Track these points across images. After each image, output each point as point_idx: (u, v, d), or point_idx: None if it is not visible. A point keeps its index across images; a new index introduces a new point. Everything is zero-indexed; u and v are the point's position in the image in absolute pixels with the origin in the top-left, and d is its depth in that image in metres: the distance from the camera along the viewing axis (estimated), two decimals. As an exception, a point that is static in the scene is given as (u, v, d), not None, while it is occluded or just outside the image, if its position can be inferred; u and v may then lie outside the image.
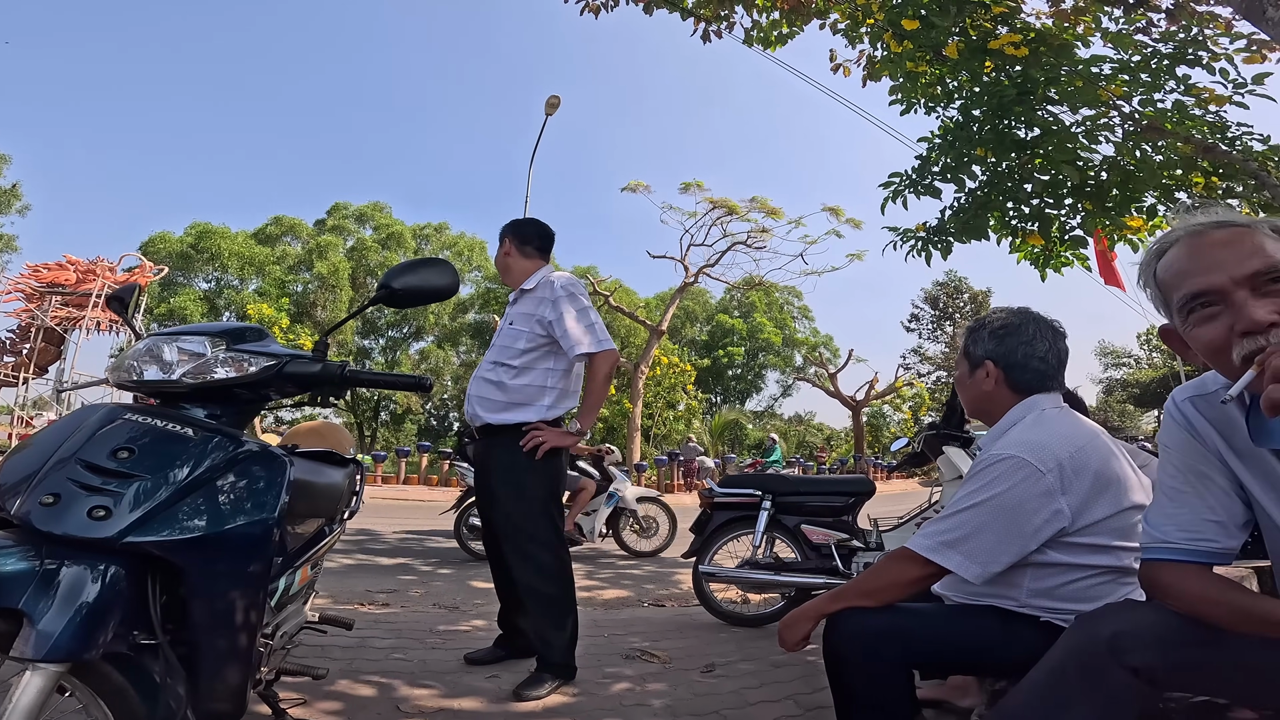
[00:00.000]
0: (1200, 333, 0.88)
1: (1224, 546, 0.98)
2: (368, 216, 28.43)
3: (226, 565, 1.11)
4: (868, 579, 1.44)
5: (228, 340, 1.26)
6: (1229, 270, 0.85)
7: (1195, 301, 0.88)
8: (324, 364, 1.32)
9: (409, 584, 4.33)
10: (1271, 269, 0.83)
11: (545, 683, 2.17)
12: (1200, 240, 0.90)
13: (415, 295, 1.37)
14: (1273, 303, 0.82)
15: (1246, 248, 0.85)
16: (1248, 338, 0.82)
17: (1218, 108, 3.56)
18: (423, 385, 1.38)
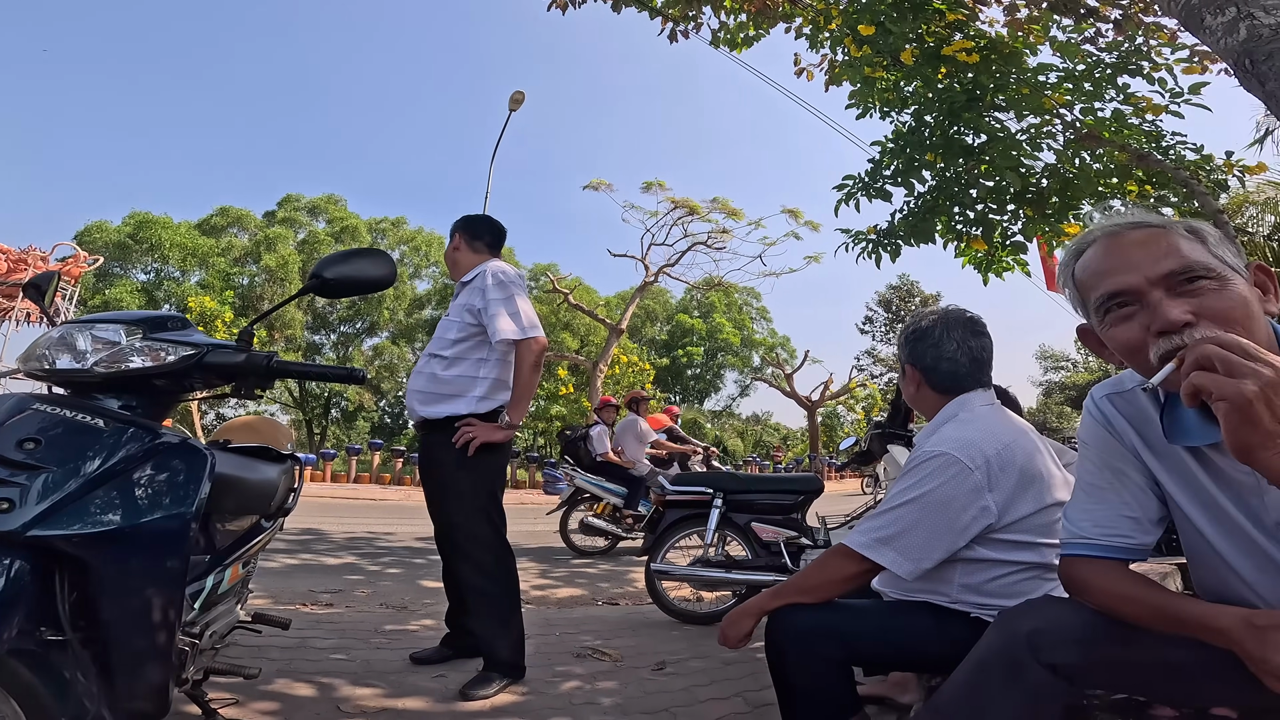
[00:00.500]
0: (1117, 332, 0.90)
1: (1139, 542, 0.99)
2: (321, 209, 27.61)
3: (140, 561, 1.05)
4: (806, 576, 1.46)
5: (145, 329, 1.21)
6: (1144, 270, 0.86)
7: (1112, 301, 0.89)
8: (248, 354, 1.27)
9: (355, 584, 4.22)
10: (1186, 269, 0.84)
11: (493, 682, 2.13)
12: (1117, 241, 0.91)
13: (349, 285, 1.33)
14: (1187, 302, 0.83)
15: (1162, 248, 0.87)
16: (1163, 337, 0.83)
17: (1154, 117, 3.74)
18: (355, 377, 1.34)
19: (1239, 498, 0.90)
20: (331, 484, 14.20)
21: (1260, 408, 0.70)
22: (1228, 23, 1.94)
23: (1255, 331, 0.82)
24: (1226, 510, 0.92)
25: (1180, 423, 0.93)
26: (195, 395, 1.34)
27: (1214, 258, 0.86)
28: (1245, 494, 0.90)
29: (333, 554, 5.54)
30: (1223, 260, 0.86)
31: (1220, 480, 0.92)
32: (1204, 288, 0.83)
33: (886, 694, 1.95)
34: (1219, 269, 0.84)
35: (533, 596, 4.10)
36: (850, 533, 1.47)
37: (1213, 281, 0.83)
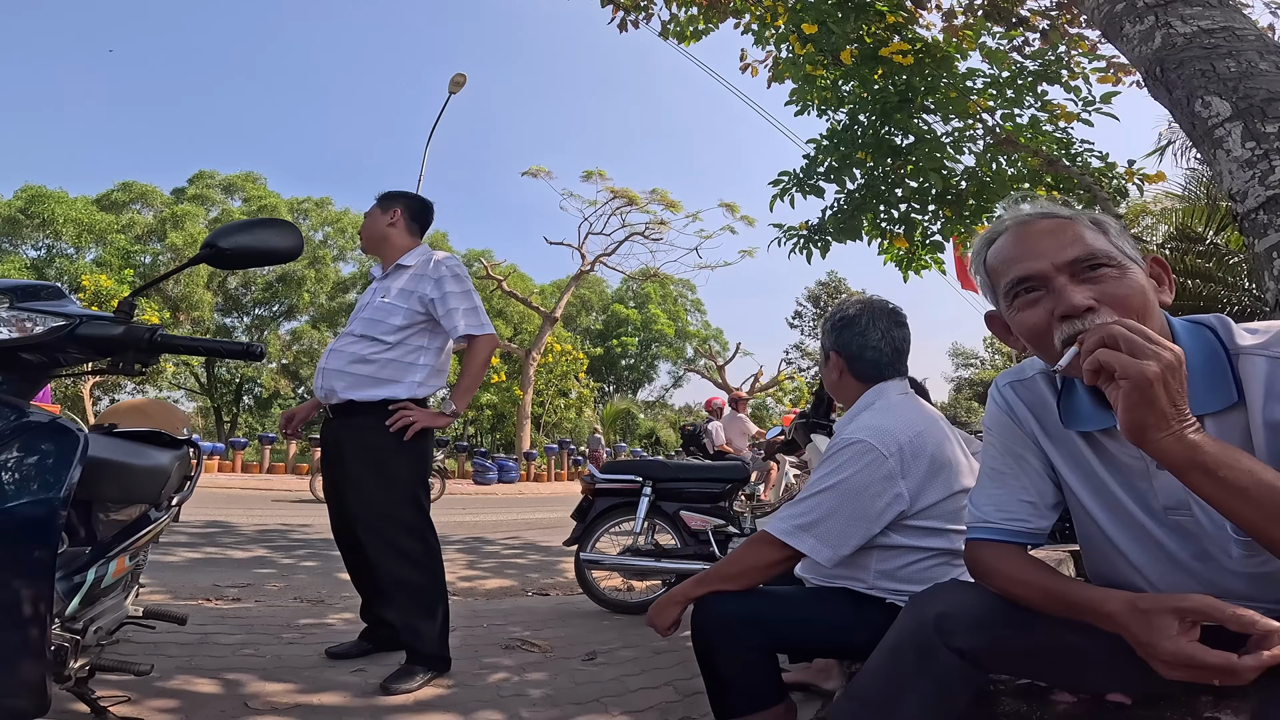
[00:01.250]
0: (1023, 316, 0.92)
1: (1036, 527, 1.02)
2: (237, 187, 25.99)
3: (3, 551, 0.94)
4: (729, 563, 1.47)
5: (13, 297, 1.09)
6: (1051, 257, 0.88)
7: (1020, 286, 0.91)
8: (128, 327, 1.16)
9: (266, 577, 4.01)
10: (1090, 256, 0.87)
11: (416, 675, 2.05)
12: (1027, 229, 0.93)
13: (247, 257, 1.23)
14: (1089, 288, 0.86)
15: (1068, 236, 0.89)
16: (1066, 321, 0.86)
17: (1067, 124, 3.97)
18: (252, 353, 1.25)
19: (1128, 482, 0.94)
20: (242, 474, 13.43)
21: (1159, 388, 0.73)
22: (1144, 31, 2.05)
23: (1150, 319, 0.86)
24: (1116, 495, 0.96)
25: (1076, 408, 0.96)
26: (69, 371, 1.21)
27: (1115, 248, 0.89)
28: (1134, 478, 0.93)
29: (241, 547, 5.23)
30: (1122, 251, 0.89)
31: (1111, 465, 0.95)
32: (1105, 275, 0.87)
33: (811, 680, 1.99)
34: (1120, 258, 0.88)
35: (460, 588, 4.00)
36: (771, 520, 1.48)
37: (1113, 269, 0.87)
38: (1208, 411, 0.85)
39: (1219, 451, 0.74)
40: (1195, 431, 0.75)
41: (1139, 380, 0.73)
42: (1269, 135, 1.68)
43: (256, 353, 1.26)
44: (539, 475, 17.20)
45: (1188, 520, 0.90)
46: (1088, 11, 2.31)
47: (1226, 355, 0.86)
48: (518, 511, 9.64)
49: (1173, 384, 0.74)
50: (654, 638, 2.74)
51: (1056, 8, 4.33)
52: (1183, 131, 1.99)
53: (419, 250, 2.36)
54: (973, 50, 4.33)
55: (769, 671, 1.42)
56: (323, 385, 2.26)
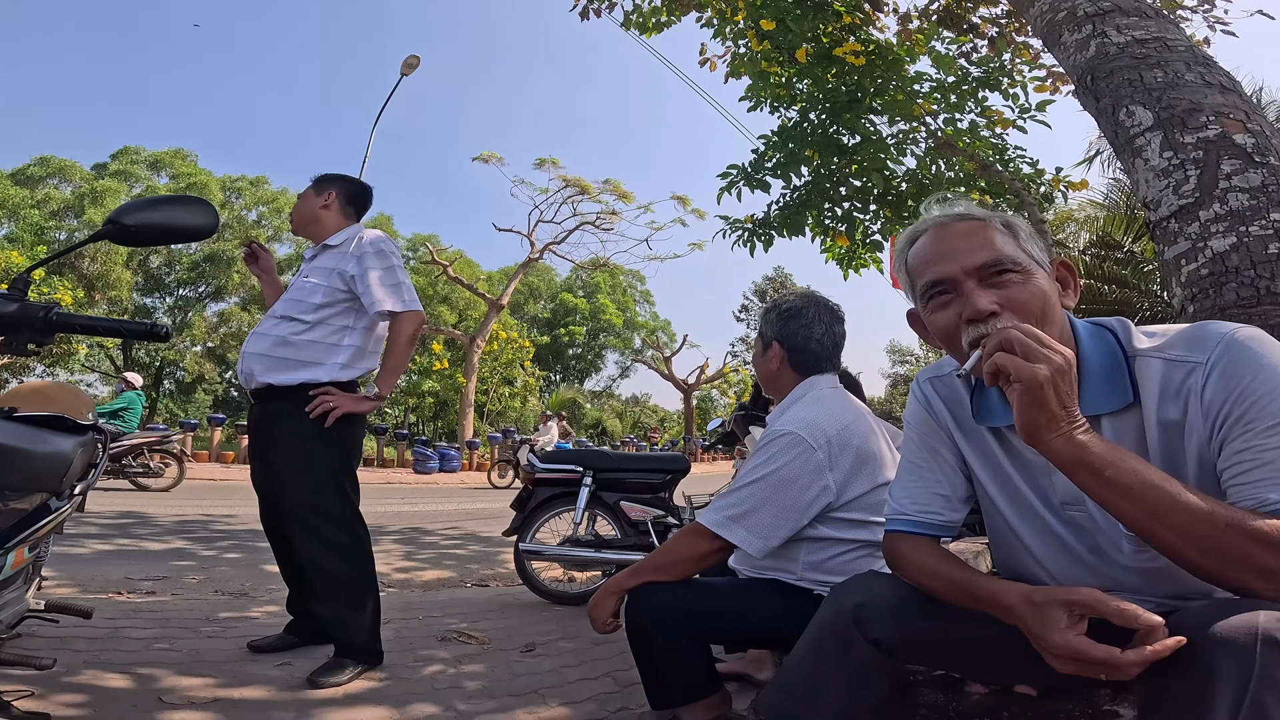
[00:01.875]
0: (936, 318, 0.95)
1: (948, 520, 1.05)
2: (164, 163, 24.62)
3: None
4: (662, 554, 1.48)
5: None
6: (961, 261, 0.91)
7: (934, 289, 0.94)
8: (21, 304, 1.08)
9: (185, 570, 3.80)
10: (996, 263, 0.90)
11: (346, 668, 1.98)
12: (944, 231, 0.96)
13: (155, 234, 1.16)
14: (995, 293, 0.89)
15: (979, 240, 0.92)
16: (972, 325, 0.89)
17: (1003, 130, 4.14)
18: (156, 333, 1.18)
19: (1031, 477, 0.98)
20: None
21: (1049, 391, 0.76)
22: (1081, 40, 2.12)
23: (1051, 323, 0.89)
24: (1019, 489, 1.00)
25: (987, 404, 1.00)
26: None
27: (1023, 252, 0.92)
28: (1036, 473, 0.97)
29: (158, 539, 4.94)
30: (1030, 255, 0.93)
31: (1016, 460, 0.99)
32: (1010, 280, 0.90)
33: (745, 671, 2.01)
34: (1025, 263, 0.91)
35: (394, 579, 3.89)
36: (704, 511, 1.49)
37: (1018, 275, 0.90)
38: (1105, 411, 0.89)
39: (1105, 452, 0.77)
40: (1084, 432, 0.78)
41: (1030, 383, 0.76)
42: (1186, 145, 1.77)
43: (161, 333, 1.18)
44: (482, 464, 16.93)
45: (1082, 516, 0.93)
46: (1031, 20, 2.39)
47: (1125, 357, 0.89)
48: (459, 501, 9.46)
49: (1062, 387, 0.77)
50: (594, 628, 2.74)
51: (1007, 16, 4.50)
52: (1107, 140, 2.09)
53: (348, 229, 2.27)
54: (923, 54, 4.46)
55: (703, 661, 1.43)
56: (243, 369, 2.15)
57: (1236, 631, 0.68)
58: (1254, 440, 0.78)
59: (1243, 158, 1.71)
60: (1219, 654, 0.68)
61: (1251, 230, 1.63)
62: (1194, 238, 1.74)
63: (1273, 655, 0.66)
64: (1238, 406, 0.80)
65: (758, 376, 1.73)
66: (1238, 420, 0.80)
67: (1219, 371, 0.82)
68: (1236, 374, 0.81)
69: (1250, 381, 0.79)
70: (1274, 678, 0.65)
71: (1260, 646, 0.66)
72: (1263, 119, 1.82)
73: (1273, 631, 0.67)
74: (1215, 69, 1.91)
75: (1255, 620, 0.68)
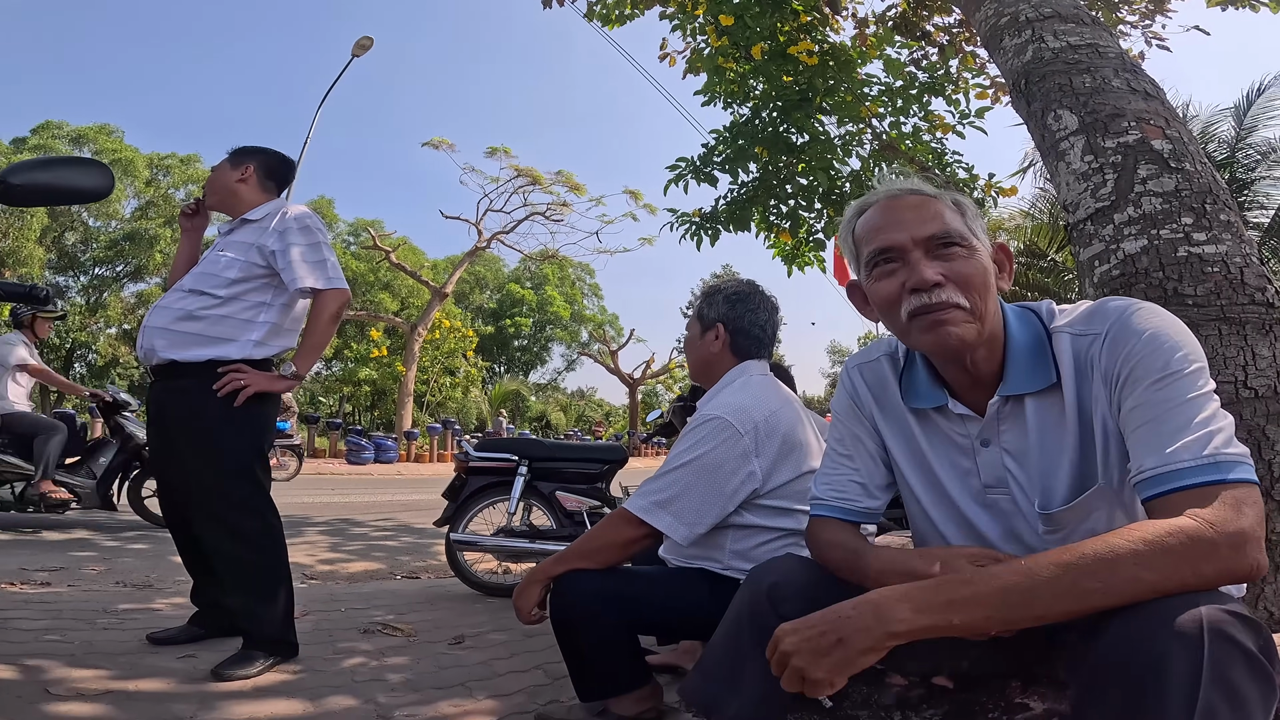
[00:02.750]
0: (879, 286, 0.95)
1: (866, 506, 1.07)
2: (88, 139, 23.15)
3: None
4: (587, 540, 1.45)
5: None
6: (911, 231, 0.92)
7: (880, 256, 0.95)
8: None
9: (85, 560, 3.57)
10: (945, 235, 0.91)
11: (256, 660, 1.87)
12: (895, 203, 0.96)
13: (43, 194, 1.10)
14: (941, 264, 0.90)
15: (929, 213, 0.93)
16: (915, 294, 0.90)
17: (943, 135, 4.29)
18: (35, 295, 1.10)
19: (951, 460, 1.00)
20: (71, 448, 11.86)
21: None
22: (1020, 44, 2.18)
23: (989, 299, 0.91)
24: (935, 473, 1.01)
25: (915, 385, 1.01)
26: None
27: (969, 229, 0.94)
28: (958, 456, 0.99)
29: (59, 528, 4.61)
30: (974, 233, 0.94)
31: (936, 442, 1.01)
32: (956, 254, 0.91)
33: (677, 662, 2.00)
34: (971, 240, 0.93)
35: (317, 571, 3.73)
36: (631, 497, 1.47)
37: (964, 249, 0.91)
38: (1029, 391, 0.91)
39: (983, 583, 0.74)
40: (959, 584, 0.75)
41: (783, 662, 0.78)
42: (1107, 150, 1.83)
43: (39, 295, 1.09)
44: (420, 455, 16.50)
45: (1004, 499, 0.95)
46: (977, 24, 2.45)
47: (1048, 337, 0.92)
48: (394, 492, 9.19)
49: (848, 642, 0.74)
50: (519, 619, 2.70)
51: (959, 25, 4.65)
52: (1035, 145, 2.16)
53: (271, 204, 2.15)
54: (875, 58, 4.58)
55: (632, 652, 1.41)
56: (143, 344, 2.00)
57: (1181, 621, 0.66)
58: (1142, 396, 0.81)
59: (1159, 163, 1.78)
60: (1164, 645, 0.66)
61: (1162, 234, 1.70)
62: (1107, 240, 1.80)
63: (1220, 646, 0.65)
64: (1125, 367, 0.83)
65: (690, 360, 1.71)
66: (1127, 380, 0.83)
67: (1110, 339, 0.85)
68: (1125, 338, 0.84)
69: (1136, 343, 0.83)
70: (1223, 671, 0.64)
71: (1207, 637, 0.65)
72: (1182, 126, 1.90)
73: (1218, 621, 0.66)
74: (1141, 76, 1.99)
75: (1199, 612, 0.67)
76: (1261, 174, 7.75)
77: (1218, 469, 0.74)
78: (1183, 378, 0.80)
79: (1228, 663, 0.64)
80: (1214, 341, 1.59)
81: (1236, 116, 7.86)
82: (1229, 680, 0.64)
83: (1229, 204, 1.76)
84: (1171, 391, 0.79)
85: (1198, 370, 0.81)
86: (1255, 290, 1.62)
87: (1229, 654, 0.65)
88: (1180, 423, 0.77)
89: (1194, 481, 0.74)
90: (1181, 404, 0.78)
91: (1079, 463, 0.90)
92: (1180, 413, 0.78)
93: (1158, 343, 0.82)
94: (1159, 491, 0.76)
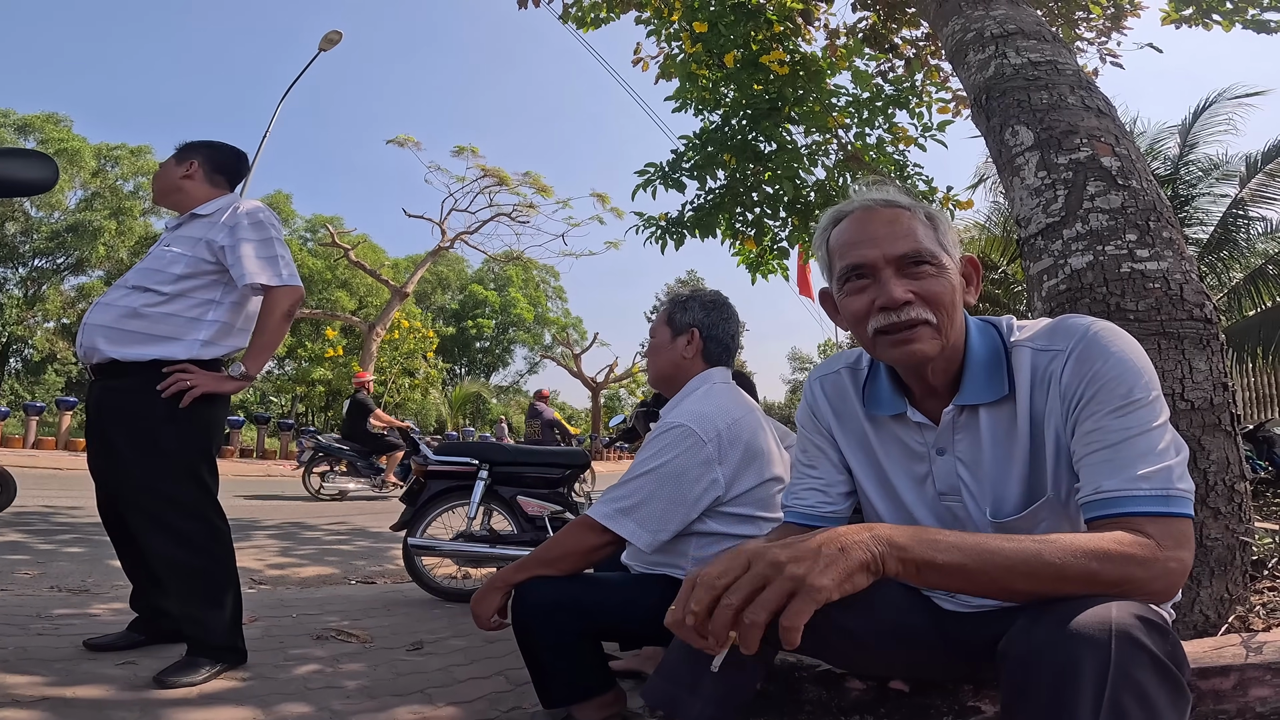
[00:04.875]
0: (850, 301, 0.97)
1: (830, 512, 1.09)
2: (34, 128, 22.15)
3: None
4: (549, 547, 1.44)
5: None
6: (883, 248, 0.94)
7: (852, 272, 0.96)
8: None
9: (17, 564, 3.37)
10: (916, 254, 0.93)
11: (201, 668, 1.79)
12: (869, 215, 0.98)
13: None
14: (911, 283, 0.92)
15: (902, 229, 0.95)
16: (883, 312, 0.92)
17: (906, 148, 4.41)
18: None
19: (906, 467, 1.03)
20: (2, 449, 11.21)
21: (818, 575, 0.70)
22: (983, 60, 2.24)
23: (955, 315, 0.94)
24: (890, 479, 1.04)
25: (877, 394, 1.05)
26: None
27: (940, 246, 0.96)
28: (913, 463, 1.02)
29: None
30: (945, 249, 0.97)
31: (891, 449, 1.04)
32: (926, 272, 0.93)
33: (641, 668, 1.99)
34: (942, 258, 0.95)
35: (267, 576, 3.60)
36: (594, 504, 1.47)
37: (933, 268, 0.93)
38: (984, 402, 0.94)
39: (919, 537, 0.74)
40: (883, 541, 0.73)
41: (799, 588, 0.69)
42: (1059, 166, 1.90)
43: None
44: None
45: (957, 505, 0.98)
46: (943, 39, 2.51)
47: (1005, 352, 0.95)
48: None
49: (828, 552, 0.70)
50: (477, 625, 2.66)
51: (926, 38, 4.77)
52: (993, 160, 2.22)
53: (222, 199, 2.08)
54: (844, 69, 4.67)
55: (595, 658, 1.40)
56: (84, 342, 1.91)
57: (1090, 626, 0.70)
58: (1101, 421, 0.84)
59: (1107, 179, 1.85)
60: (1075, 648, 0.69)
61: (1107, 250, 1.77)
62: (1056, 254, 1.86)
63: (1127, 650, 0.68)
64: (1089, 389, 0.86)
65: (655, 365, 1.71)
66: (1088, 402, 0.86)
67: (1075, 358, 0.88)
68: (1089, 359, 0.87)
69: (1101, 366, 0.86)
70: (1129, 671, 0.67)
71: (1114, 642, 0.68)
72: (1130, 144, 1.97)
73: (1126, 627, 0.69)
74: (1095, 93, 2.06)
75: (1109, 614, 0.70)
76: (1203, 190, 8.06)
77: (1169, 502, 0.78)
78: (1145, 406, 0.83)
79: (1134, 666, 0.67)
80: (1153, 355, 1.65)
81: (1182, 133, 8.14)
82: (1137, 683, 0.67)
83: (1172, 221, 1.84)
84: (1133, 420, 0.82)
85: (1157, 398, 0.84)
86: (1194, 306, 1.70)
87: (1136, 658, 0.68)
88: (1142, 450, 0.81)
89: (1147, 510, 0.78)
90: (1144, 433, 0.82)
91: (1029, 475, 0.93)
92: (1142, 441, 0.81)
93: (1123, 368, 0.85)
94: (1112, 512, 0.80)
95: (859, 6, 4.79)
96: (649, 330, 1.75)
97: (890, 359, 0.96)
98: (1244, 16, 3.96)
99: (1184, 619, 1.52)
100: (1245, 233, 7.96)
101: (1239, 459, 1.65)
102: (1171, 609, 0.96)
